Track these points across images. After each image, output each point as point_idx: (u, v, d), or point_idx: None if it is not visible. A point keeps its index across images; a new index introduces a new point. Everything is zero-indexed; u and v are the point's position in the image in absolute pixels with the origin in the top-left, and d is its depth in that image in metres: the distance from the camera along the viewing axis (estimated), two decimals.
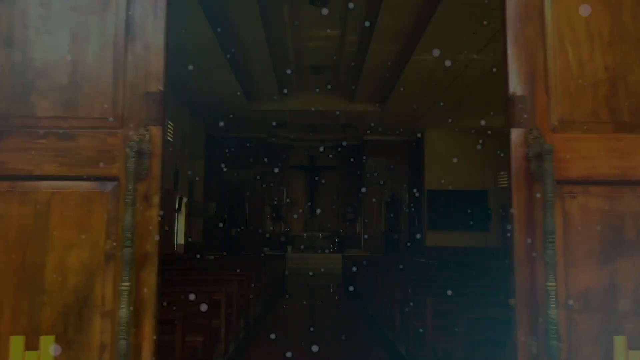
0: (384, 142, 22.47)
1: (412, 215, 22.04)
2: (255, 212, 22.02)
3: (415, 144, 22.10)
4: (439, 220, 20.77)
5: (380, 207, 22.31)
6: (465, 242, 20.86)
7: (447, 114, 18.71)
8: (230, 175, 22.29)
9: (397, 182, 22.41)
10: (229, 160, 22.14)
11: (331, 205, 24.10)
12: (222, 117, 19.65)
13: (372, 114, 18.86)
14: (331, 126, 21.19)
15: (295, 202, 24.17)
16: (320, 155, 24.11)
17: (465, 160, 21.48)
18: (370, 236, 22.26)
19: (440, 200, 20.81)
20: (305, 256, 19.48)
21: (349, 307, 10.63)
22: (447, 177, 20.97)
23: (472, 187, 21.16)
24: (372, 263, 11.54)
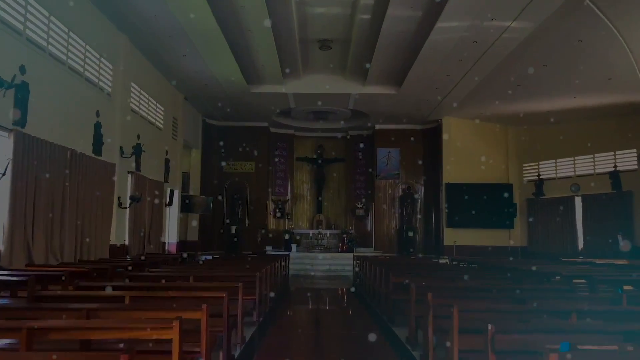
0: (398, 132, 20.55)
1: (429, 212, 20.12)
2: (256, 208, 20.19)
3: (432, 133, 20.17)
4: (459, 217, 18.87)
5: (393, 202, 20.41)
6: (487, 241, 18.95)
7: (469, 98, 16.80)
8: (229, 167, 20.46)
9: (411, 175, 20.49)
10: (228, 151, 20.35)
11: (339, 201, 22.21)
12: (220, 102, 17.85)
13: (386, 99, 16.94)
14: (340, 114, 19.30)
15: (300, 197, 22.30)
16: (328, 146, 22.25)
17: (487, 151, 19.59)
18: (382, 234, 20.37)
19: (460, 194, 18.91)
20: (311, 256, 17.65)
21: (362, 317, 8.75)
22: (467, 170, 19.09)
23: (495, 180, 19.23)
24: (389, 265, 9.68)
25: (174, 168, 15.98)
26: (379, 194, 20.50)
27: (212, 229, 19.85)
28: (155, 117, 14.32)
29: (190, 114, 18.27)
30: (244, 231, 19.36)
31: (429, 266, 10.82)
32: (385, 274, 7.59)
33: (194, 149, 19.24)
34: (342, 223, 21.81)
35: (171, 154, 15.64)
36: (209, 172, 19.92)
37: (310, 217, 22.12)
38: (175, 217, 16.35)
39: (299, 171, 22.38)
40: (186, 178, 19.19)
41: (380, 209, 20.47)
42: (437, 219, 19.62)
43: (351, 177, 21.82)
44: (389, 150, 20.51)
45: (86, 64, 10.18)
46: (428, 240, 20.06)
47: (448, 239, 19.01)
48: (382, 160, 20.50)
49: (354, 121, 20.67)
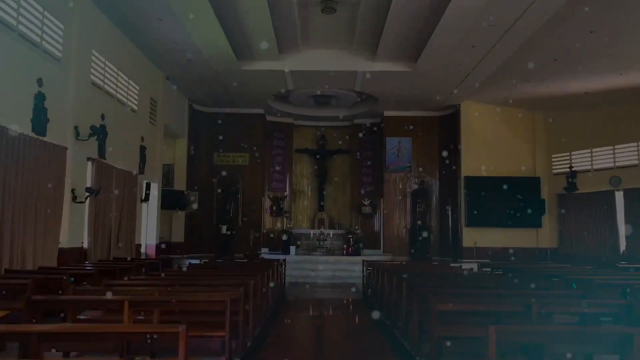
0: (410, 119, 18.25)
1: (445, 209, 17.82)
2: (251, 205, 17.91)
3: (449, 121, 17.87)
4: (479, 215, 16.60)
5: (404, 198, 18.12)
6: (512, 242, 16.65)
7: (494, 78, 14.53)
8: (220, 159, 18.20)
9: (425, 167, 18.19)
10: (219, 141, 18.11)
11: (344, 197, 19.92)
12: (207, 83, 15.59)
13: (398, 78, 14.65)
14: (345, 98, 17.02)
15: (300, 193, 20.02)
16: (331, 137, 19.97)
17: (512, 140, 17.32)
18: (391, 235, 18.10)
19: (481, 189, 16.64)
20: (312, 259, 15.39)
21: (383, 350, 6.49)
22: (489, 161, 16.81)
23: (520, 173, 16.94)
24: (410, 275, 7.48)
25: (152, 158, 13.72)
26: (389, 189, 18.22)
27: (202, 229, 17.59)
28: (127, 96, 12.06)
29: (173, 97, 16.00)
30: (237, 231, 17.07)
31: (458, 276, 8.53)
32: (418, 293, 5.30)
33: (179, 138, 16.97)
34: (346, 222, 19.53)
35: (148, 141, 13.38)
36: (197, 164, 17.66)
37: (311, 215, 19.85)
38: (154, 215, 14.08)
39: (298, 164, 20.11)
40: (170, 171, 16.95)
41: (390, 206, 18.19)
42: (455, 217, 17.33)
43: (357, 170, 19.54)
44: (400, 140, 18.23)
45: (21, 16, 7.91)
46: (444, 241, 17.77)
47: (467, 240, 16.73)
48: (392, 152, 18.21)
49: (360, 107, 18.39)
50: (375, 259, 16.10)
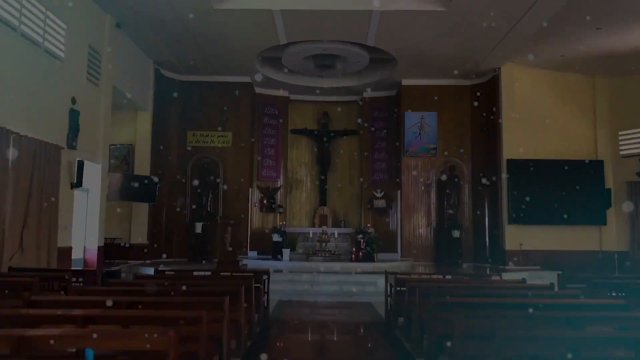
0: (435, 89, 14.52)
1: (481, 202, 14.07)
2: (234, 198, 14.20)
3: (485, 90, 14.12)
4: (526, 209, 12.89)
5: (428, 189, 14.38)
6: (568, 244, 12.98)
7: (546, 31, 10.87)
8: (196, 139, 14.50)
9: (455, 149, 14.44)
10: (194, 116, 14.45)
11: (351, 188, 16.18)
12: (173, 36, 11.90)
13: (426, 23, 10.93)
14: (353, 59, 13.26)
15: (297, 184, 16.30)
16: (335, 114, 16.25)
17: (566, 113, 13.57)
18: (412, 234, 14.35)
19: (528, 176, 12.94)
20: (311, 267, 11.67)
21: None
22: (537, 141, 13.14)
23: (578, 154, 13.22)
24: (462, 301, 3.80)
25: (92, 128, 10.00)
26: (408, 178, 14.47)
27: (171, 228, 13.89)
28: (43, 34, 8.35)
29: (130, 55, 12.30)
30: (215, 230, 13.32)
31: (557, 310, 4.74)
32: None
33: (141, 111, 13.26)
34: (354, 219, 15.80)
35: (86, 106, 9.65)
36: (165, 145, 13.94)
37: (310, 211, 16.12)
38: (95, 208, 10.35)
39: (295, 148, 16.37)
40: (129, 153, 13.26)
41: (410, 199, 14.44)
42: (494, 212, 13.58)
43: (368, 155, 15.79)
44: (422, 115, 14.48)
45: None
46: (479, 242, 14.00)
47: (510, 241, 12.98)
48: (412, 130, 14.47)
49: (371, 75, 14.64)
50: (394, 266, 12.36)
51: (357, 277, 10.11)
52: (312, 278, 9.94)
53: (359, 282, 9.90)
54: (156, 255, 13.22)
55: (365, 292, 9.51)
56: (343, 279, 9.96)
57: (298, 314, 8.60)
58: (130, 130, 13.30)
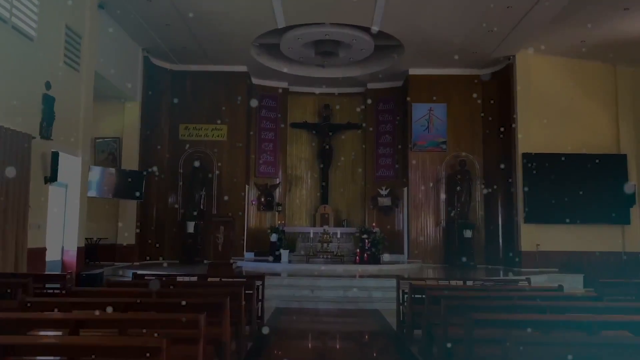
0: (444, 79, 13.59)
1: (494, 199, 13.13)
2: (230, 195, 13.27)
3: (499, 80, 13.20)
4: (543, 207, 11.95)
5: (437, 185, 13.44)
6: (588, 244, 12.06)
7: (565, 13, 9.97)
8: (189, 132, 13.58)
9: (466, 143, 13.51)
10: (187, 108, 13.53)
11: (354, 186, 15.25)
12: (162, 20, 10.99)
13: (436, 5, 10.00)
14: (358, 46, 12.32)
15: (297, 180, 15.37)
16: (338, 106, 15.33)
17: (586, 104, 12.62)
18: (419, 235, 13.41)
19: (544, 172, 12.02)
20: (311, 270, 10.74)
21: None
22: (555, 133, 12.23)
23: (599, 148, 12.28)
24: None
25: (68, 117, 9.05)
26: (416, 174, 13.53)
27: (162, 227, 12.97)
28: (9, 9, 7.41)
29: (118, 42, 11.40)
30: (209, 229, 12.37)
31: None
32: None
33: (129, 101, 12.33)
34: (358, 218, 14.89)
35: (61, 91, 8.71)
36: (155, 138, 13.02)
37: (311, 209, 15.19)
38: (75, 205, 9.40)
39: (294, 142, 15.44)
40: (117, 146, 12.34)
41: (418, 197, 13.50)
42: (509, 211, 12.64)
43: (372, 150, 14.85)
44: (431, 106, 13.53)
45: None
46: (492, 242, 13.06)
47: (526, 242, 12.06)
48: (419, 123, 13.52)
49: (376, 63, 13.70)
50: (401, 269, 11.43)
51: (362, 281, 9.16)
52: (312, 282, 9.00)
53: (365, 286, 8.96)
54: (143, 257, 12.30)
55: (371, 298, 8.57)
56: (347, 283, 9.02)
57: (297, 324, 7.66)
58: (117, 123, 12.38)
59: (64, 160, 8.80)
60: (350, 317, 8.07)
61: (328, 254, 11.99)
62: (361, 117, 15.15)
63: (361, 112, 15.07)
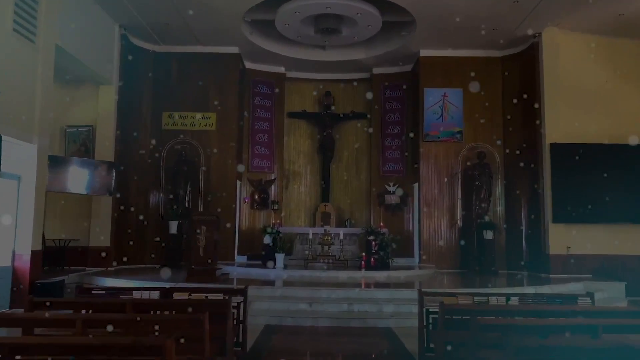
0: (460, 61, 12.12)
1: (516, 196, 11.64)
2: (219, 191, 11.82)
3: (522, 62, 11.74)
4: (574, 205, 10.45)
5: (453, 181, 11.96)
6: (627, 247, 10.56)
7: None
8: (173, 121, 12.12)
9: (485, 132, 12.03)
10: (171, 94, 12.08)
11: (358, 182, 13.77)
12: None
13: None
14: (363, 21, 10.83)
15: (294, 176, 13.90)
16: (340, 93, 13.89)
17: (623, 87, 11.13)
18: (432, 236, 11.93)
19: (575, 165, 10.48)
20: (311, 277, 9.28)
21: None
22: (587, 121, 10.75)
23: (636, 138, 10.71)
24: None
25: (19, 96, 7.59)
26: (428, 168, 12.05)
27: (141, 227, 11.52)
28: None
29: (89, 15, 9.96)
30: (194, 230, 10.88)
31: None
32: None
33: (103, 85, 10.86)
34: (363, 217, 13.42)
35: (8, 64, 7.27)
36: (135, 127, 11.57)
37: (310, 207, 13.72)
38: (30, 201, 7.93)
39: (292, 134, 13.97)
40: (89, 135, 10.89)
41: (430, 193, 12.02)
42: (534, 209, 11.16)
43: (378, 141, 13.37)
44: (445, 92, 12.06)
45: None
46: (514, 244, 11.58)
47: (555, 244, 10.57)
48: (432, 110, 12.05)
49: (384, 43, 12.24)
50: (413, 275, 9.96)
51: (370, 292, 7.67)
52: (311, 293, 7.52)
53: (374, 298, 7.47)
54: (120, 261, 10.84)
55: (382, 313, 7.09)
56: (352, 294, 7.54)
57: (291, 345, 6.18)
58: (91, 109, 10.93)
59: (14, 147, 7.37)
60: (357, 337, 6.58)
61: (329, 258, 10.50)
62: (366, 105, 13.67)
63: (366, 100, 13.60)
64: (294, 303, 7.22)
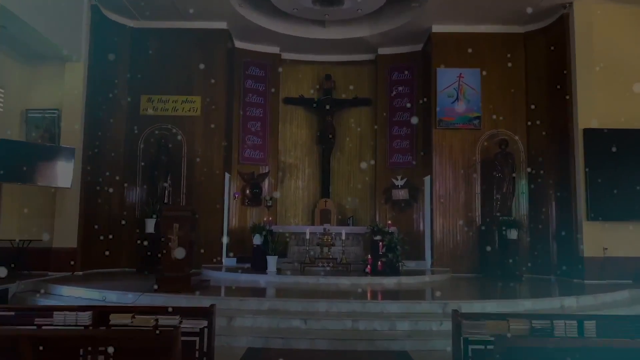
0: (478, 37, 10.71)
1: (544, 191, 10.22)
2: (204, 186, 10.42)
3: (548, 38, 10.32)
4: (612, 201, 9.01)
5: (470, 172, 10.52)
6: None
7: None
8: (151, 106, 10.71)
9: (506, 118, 10.58)
10: (149, 75, 10.69)
11: (361, 175, 12.33)
12: None
13: None
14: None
15: (290, 169, 12.47)
16: (342, 77, 12.48)
17: None
18: (445, 235, 10.51)
19: (613, 154, 9.03)
20: (307, 285, 7.87)
21: None
22: (626, 105, 9.30)
23: None
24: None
25: None
26: (442, 158, 10.63)
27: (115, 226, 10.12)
28: None
29: None
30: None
31: None
32: None
33: (71, 62, 9.45)
34: (367, 214, 12.01)
35: None
36: (109, 112, 10.15)
37: (308, 203, 12.30)
38: None
39: (289, 122, 12.55)
40: (54, 121, 9.48)
41: (444, 187, 10.60)
42: (565, 205, 9.72)
43: (384, 130, 11.94)
44: (460, 72, 10.63)
45: None
46: (542, 245, 10.14)
47: (590, 245, 9.13)
48: (446, 93, 10.62)
49: (391, 18, 10.82)
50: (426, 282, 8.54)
51: (379, 306, 6.23)
52: (306, 306, 6.10)
53: (384, 313, 6.06)
54: (89, 264, 9.45)
55: (395, 332, 5.66)
56: (357, 307, 6.11)
57: None
58: (56, 90, 9.51)
59: None
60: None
61: (330, 262, 9.08)
62: (371, 90, 12.26)
63: (371, 83, 12.18)
64: (285, 319, 5.79)
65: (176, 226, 6.48)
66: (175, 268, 6.57)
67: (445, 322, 5.72)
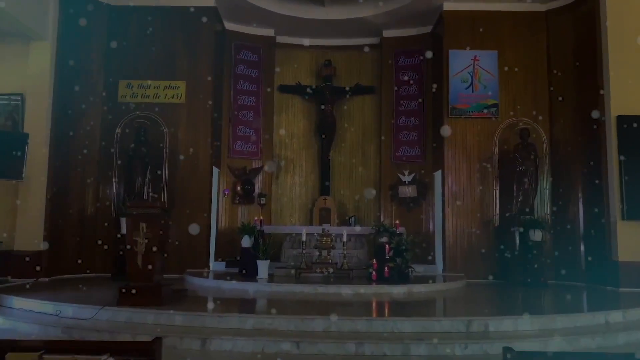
0: (494, 16, 9.60)
1: (571, 186, 9.11)
2: (188, 182, 9.32)
3: (573, 14, 9.22)
4: None
5: (485, 167, 9.40)
6: None
7: None
8: (130, 92, 9.60)
9: (526, 105, 9.47)
10: (128, 59, 9.58)
11: (367, 171, 11.22)
12: None
13: None
14: None
15: (287, 163, 11.36)
16: (343, 63, 11.40)
17: None
18: (458, 237, 9.39)
19: None
20: (303, 295, 6.78)
21: None
22: None
23: None
24: None
25: None
26: (455, 151, 9.53)
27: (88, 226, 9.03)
28: None
29: None
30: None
31: None
32: None
33: (34, 40, 8.36)
34: (370, 214, 10.91)
35: None
36: (82, 98, 9.05)
37: (306, 202, 11.20)
38: None
39: (284, 112, 11.44)
40: (18, 107, 8.40)
41: (457, 183, 9.50)
42: (595, 203, 8.60)
43: (390, 121, 10.83)
44: (475, 54, 9.52)
45: None
46: (568, 248, 9.01)
47: (625, 248, 8.03)
48: (460, 77, 9.51)
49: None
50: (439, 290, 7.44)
51: (389, 324, 5.11)
52: (300, 325, 4.99)
53: (395, 332, 4.95)
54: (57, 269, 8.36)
55: (409, 356, 4.56)
56: (362, 326, 5.00)
57: None
58: (19, 72, 8.42)
59: None
60: None
61: (329, 267, 7.97)
62: (375, 77, 11.16)
63: (375, 70, 11.08)
64: (273, 341, 4.67)
65: (143, 226, 5.37)
66: (142, 276, 5.45)
67: (470, 344, 4.62)
